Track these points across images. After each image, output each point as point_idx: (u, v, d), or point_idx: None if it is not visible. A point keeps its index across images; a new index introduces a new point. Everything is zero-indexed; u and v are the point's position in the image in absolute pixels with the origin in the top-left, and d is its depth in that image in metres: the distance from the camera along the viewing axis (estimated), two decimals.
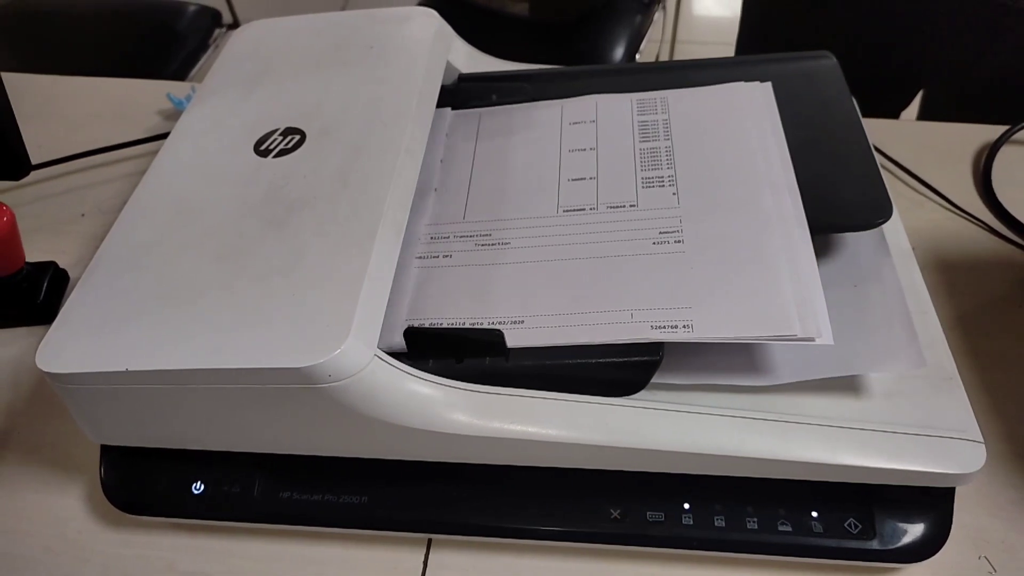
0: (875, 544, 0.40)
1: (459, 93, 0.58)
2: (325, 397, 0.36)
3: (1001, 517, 0.45)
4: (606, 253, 0.44)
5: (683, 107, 0.53)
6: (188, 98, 0.74)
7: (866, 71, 0.67)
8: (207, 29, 1.27)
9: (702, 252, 0.43)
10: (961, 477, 0.39)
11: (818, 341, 0.38)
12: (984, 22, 0.79)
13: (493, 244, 0.46)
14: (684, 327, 0.40)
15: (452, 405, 0.39)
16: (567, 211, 0.48)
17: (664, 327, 0.40)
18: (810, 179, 0.46)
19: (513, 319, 0.42)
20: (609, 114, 0.54)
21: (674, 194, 0.47)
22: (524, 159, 0.52)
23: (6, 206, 0.54)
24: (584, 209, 0.47)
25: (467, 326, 0.42)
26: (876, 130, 0.66)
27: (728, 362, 0.42)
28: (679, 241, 0.44)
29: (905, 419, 0.40)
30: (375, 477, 0.43)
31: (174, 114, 0.75)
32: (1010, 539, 0.44)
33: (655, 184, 0.48)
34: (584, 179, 0.49)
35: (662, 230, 0.45)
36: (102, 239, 0.44)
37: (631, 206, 0.47)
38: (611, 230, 0.46)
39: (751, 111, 0.51)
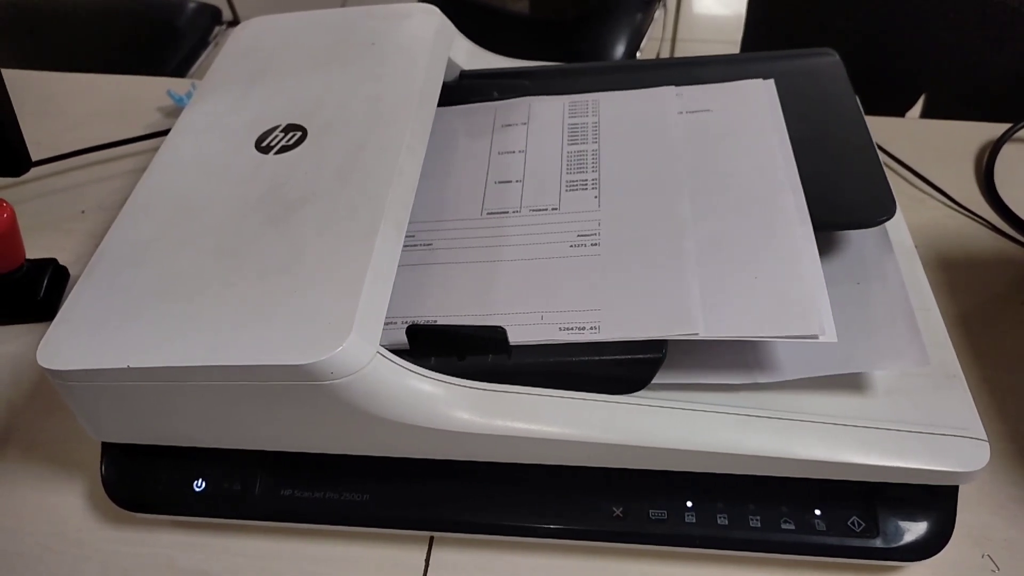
0: (878, 542, 0.40)
1: (460, 90, 0.58)
2: (327, 394, 0.36)
3: (1003, 515, 0.45)
4: (524, 256, 0.45)
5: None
6: (189, 95, 0.74)
7: (871, 72, 0.67)
8: (207, 26, 1.27)
9: (616, 254, 0.44)
10: (965, 475, 0.38)
11: (822, 338, 0.38)
12: (988, 24, 0.79)
13: (416, 245, 0.47)
14: (591, 328, 0.41)
15: (454, 403, 0.39)
16: (491, 214, 0.48)
17: (571, 328, 0.41)
18: (813, 176, 0.46)
19: (426, 319, 0.42)
20: (541, 117, 0.54)
21: (595, 197, 0.48)
22: (456, 161, 0.52)
23: (6, 202, 0.54)
24: (507, 212, 0.48)
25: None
26: (878, 128, 0.65)
27: (730, 360, 0.42)
28: (595, 244, 0.45)
29: (908, 417, 0.40)
30: (377, 475, 0.43)
31: (175, 111, 0.75)
32: (1012, 537, 0.44)
33: (578, 187, 0.48)
34: (510, 182, 0.50)
35: (580, 233, 0.46)
36: (102, 236, 0.43)
37: (553, 209, 0.47)
38: (531, 233, 0.46)
39: (755, 108, 0.51)
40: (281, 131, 0.47)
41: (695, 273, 0.42)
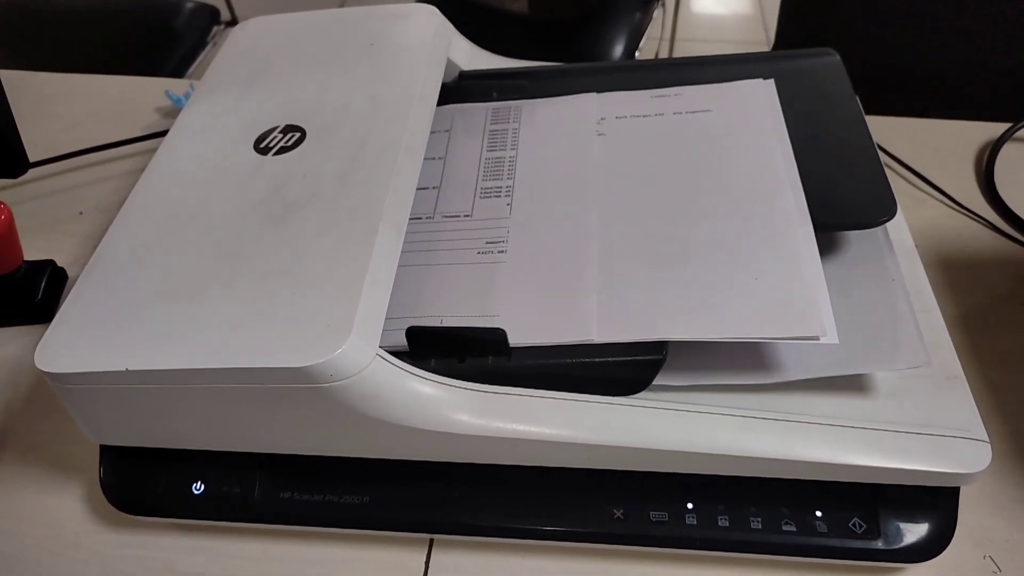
0: (879, 544, 0.40)
1: (459, 90, 0.58)
2: (326, 397, 0.36)
3: (1005, 516, 0.45)
4: (432, 261, 0.46)
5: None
6: (187, 95, 0.74)
7: (894, 76, 0.66)
8: (205, 26, 1.27)
9: (521, 261, 0.44)
10: (966, 476, 0.38)
11: (823, 340, 0.38)
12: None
13: None
14: None
15: (454, 405, 0.38)
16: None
17: None
18: (813, 176, 0.46)
19: None
20: (463, 124, 0.55)
21: (508, 204, 0.48)
22: None
23: (4, 204, 0.54)
24: (421, 218, 0.48)
25: None
26: (878, 127, 0.65)
27: (731, 361, 0.42)
28: (502, 251, 0.45)
29: (910, 418, 0.40)
30: (376, 477, 0.43)
31: (173, 112, 0.75)
32: (1014, 538, 0.44)
33: (492, 194, 0.49)
34: (427, 188, 0.50)
35: (488, 240, 0.46)
36: (100, 238, 0.43)
37: (465, 216, 0.48)
38: (442, 239, 0.47)
39: (755, 108, 0.51)
40: (280, 132, 0.47)
41: (595, 280, 0.42)
